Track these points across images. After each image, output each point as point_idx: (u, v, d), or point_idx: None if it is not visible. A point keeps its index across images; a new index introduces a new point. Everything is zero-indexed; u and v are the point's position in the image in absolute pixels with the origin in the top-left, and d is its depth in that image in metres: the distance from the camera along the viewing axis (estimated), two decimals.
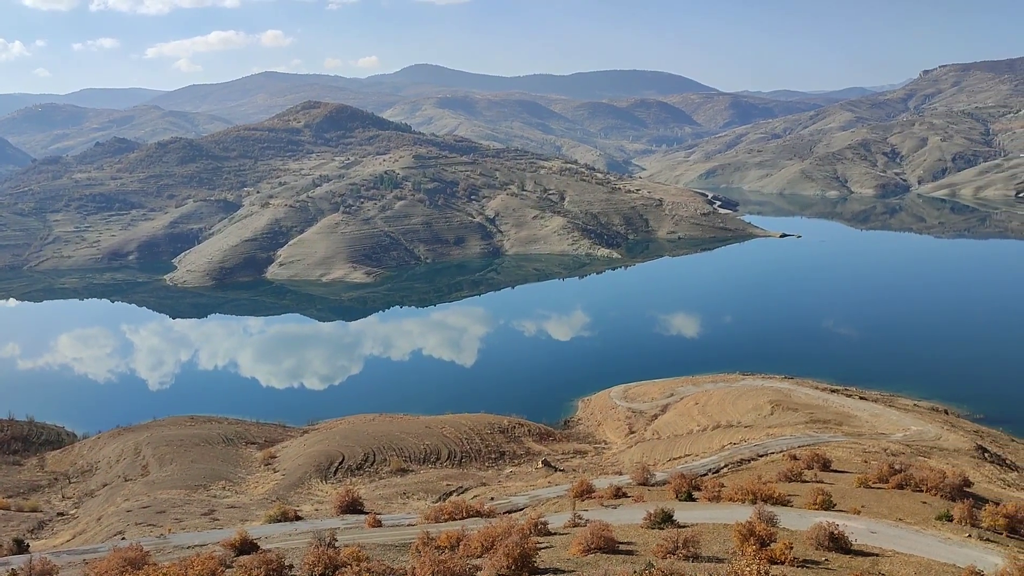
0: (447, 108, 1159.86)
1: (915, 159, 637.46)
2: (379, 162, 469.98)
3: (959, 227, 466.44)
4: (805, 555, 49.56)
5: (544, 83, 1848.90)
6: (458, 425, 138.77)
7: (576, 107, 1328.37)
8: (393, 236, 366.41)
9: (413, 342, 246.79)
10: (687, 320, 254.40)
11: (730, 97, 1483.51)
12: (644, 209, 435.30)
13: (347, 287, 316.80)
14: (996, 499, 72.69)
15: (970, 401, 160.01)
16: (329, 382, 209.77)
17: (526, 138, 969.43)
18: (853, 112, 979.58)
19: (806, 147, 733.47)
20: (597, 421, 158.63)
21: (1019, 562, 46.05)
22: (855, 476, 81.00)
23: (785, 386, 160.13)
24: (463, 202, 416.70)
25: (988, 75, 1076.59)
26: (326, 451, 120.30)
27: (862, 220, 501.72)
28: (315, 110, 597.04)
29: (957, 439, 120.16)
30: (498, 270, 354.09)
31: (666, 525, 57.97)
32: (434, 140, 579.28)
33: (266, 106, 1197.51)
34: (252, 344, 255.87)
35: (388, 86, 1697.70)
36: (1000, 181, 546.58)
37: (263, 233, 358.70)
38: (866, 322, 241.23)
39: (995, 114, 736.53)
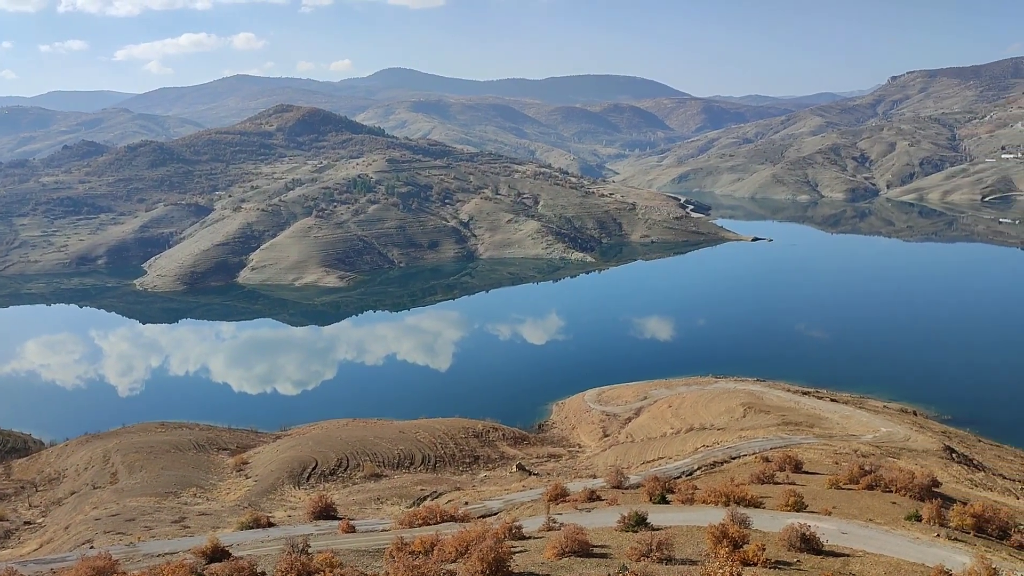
0: (421, 112, 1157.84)
1: (884, 164, 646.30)
2: (352, 166, 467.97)
3: (927, 231, 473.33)
4: (777, 556, 49.91)
5: (518, 87, 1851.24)
6: (432, 430, 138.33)
7: (550, 111, 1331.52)
8: (366, 240, 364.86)
9: (387, 347, 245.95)
10: (660, 323, 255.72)
11: (702, 102, 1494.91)
12: (617, 213, 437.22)
13: (320, 291, 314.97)
14: (964, 499, 73.75)
15: (938, 402, 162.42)
16: (302, 387, 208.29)
17: (500, 142, 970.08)
18: (823, 117, 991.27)
19: (777, 152, 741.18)
20: (571, 425, 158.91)
21: (986, 561, 46.71)
22: (826, 477, 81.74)
23: (757, 389, 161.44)
24: (437, 206, 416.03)
25: (954, 81, 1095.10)
26: (299, 456, 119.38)
27: (832, 224, 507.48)
28: (288, 113, 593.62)
29: (925, 440, 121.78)
30: (472, 274, 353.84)
31: (640, 528, 58.11)
32: (408, 144, 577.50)
33: (238, 109, 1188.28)
34: (224, 349, 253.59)
35: (361, 90, 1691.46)
36: (966, 186, 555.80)
37: (235, 237, 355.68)
38: (837, 325, 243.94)
39: (961, 120, 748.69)
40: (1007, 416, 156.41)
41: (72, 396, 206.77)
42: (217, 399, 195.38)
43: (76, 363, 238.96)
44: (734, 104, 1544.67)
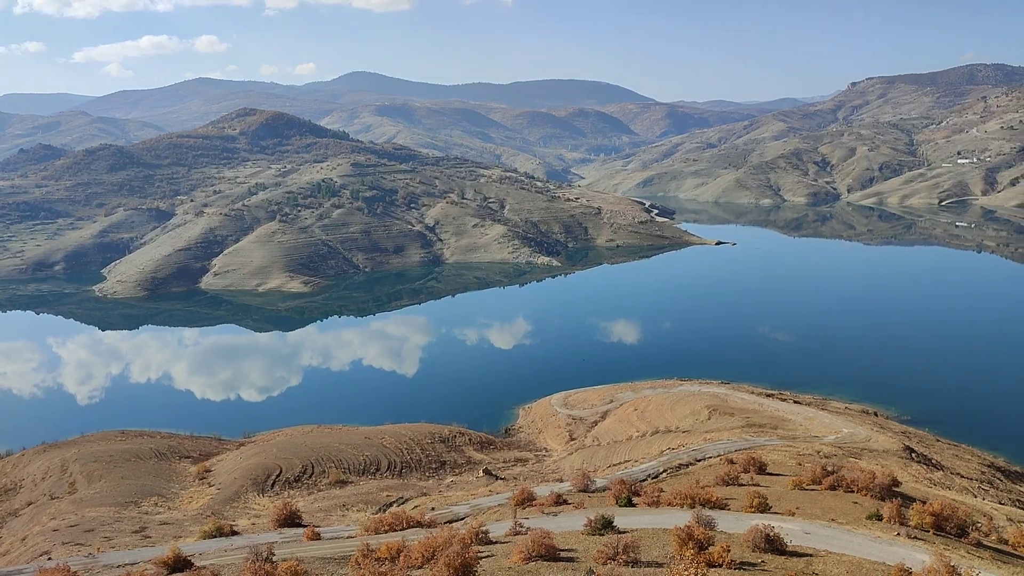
0: (386, 116, 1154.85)
1: (844, 168, 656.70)
2: (317, 170, 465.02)
3: (886, 234, 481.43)
4: (742, 557, 50.25)
5: (484, 92, 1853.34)
6: (398, 435, 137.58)
7: (515, 116, 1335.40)
8: (331, 245, 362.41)
9: (352, 352, 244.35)
10: (626, 327, 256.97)
11: (666, 107, 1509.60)
12: (583, 217, 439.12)
13: (284, 297, 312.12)
14: (923, 498, 74.93)
15: (898, 403, 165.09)
16: (267, 393, 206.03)
17: (466, 146, 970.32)
18: (785, 122, 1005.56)
19: (740, 156, 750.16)
20: (538, 429, 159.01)
21: (945, 559, 47.41)
22: (790, 478, 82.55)
23: (722, 391, 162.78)
24: (402, 210, 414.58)
25: (912, 88, 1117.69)
26: (263, 464, 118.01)
27: (795, 228, 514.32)
28: (251, 117, 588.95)
29: (886, 440, 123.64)
30: (438, 278, 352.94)
31: (606, 531, 58.16)
32: (373, 148, 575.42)
33: (200, 113, 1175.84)
34: (186, 356, 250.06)
35: (326, 93, 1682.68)
36: (924, 190, 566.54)
37: (197, 242, 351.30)
38: (800, 327, 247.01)
39: (919, 125, 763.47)
40: (965, 416, 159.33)
41: (29, 405, 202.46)
42: (179, 407, 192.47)
43: (33, 371, 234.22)
44: (698, 109, 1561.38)
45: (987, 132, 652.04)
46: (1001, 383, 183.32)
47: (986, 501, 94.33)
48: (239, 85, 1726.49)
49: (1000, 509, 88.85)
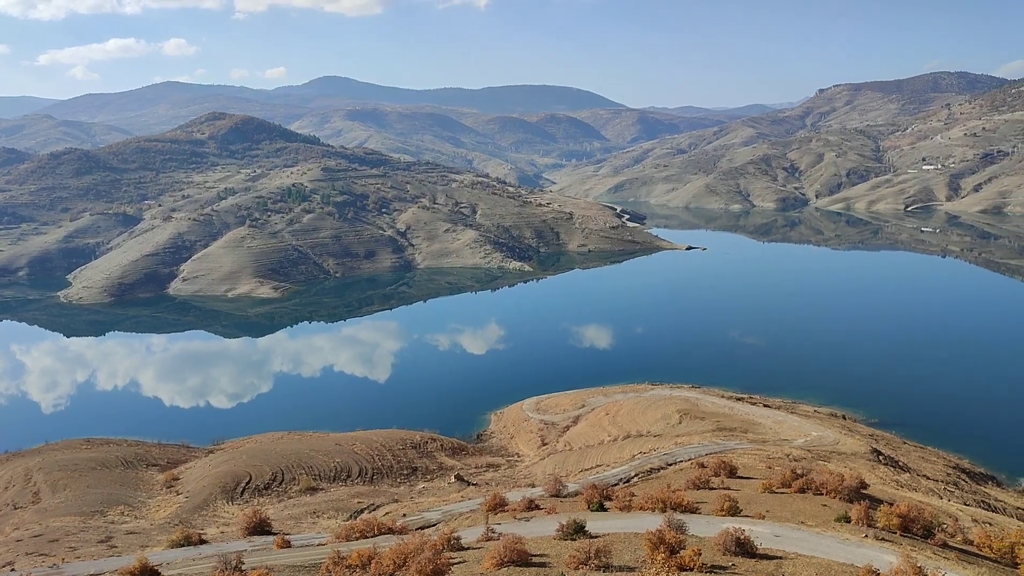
0: (357, 120, 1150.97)
1: (812, 174, 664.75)
2: (287, 175, 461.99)
3: (854, 239, 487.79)
4: (713, 561, 50.53)
5: (455, 96, 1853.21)
6: (369, 442, 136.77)
7: (487, 121, 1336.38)
8: (301, 250, 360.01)
9: (323, 358, 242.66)
10: (598, 332, 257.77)
11: (637, 113, 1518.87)
12: (555, 222, 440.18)
13: (254, 302, 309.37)
14: (890, 500, 75.79)
15: (866, 406, 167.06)
16: (236, 400, 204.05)
17: (437, 151, 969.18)
18: (754, 128, 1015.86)
19: (710, 162, 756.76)
20: (510, 434, 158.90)
21: (912, 560, 48.01)
22: (760, 482, 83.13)
23: (693, 395, 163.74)
24: (373, 215, 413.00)
25: (878, 95, 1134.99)
26: (232, 471, 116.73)
27: (764, 233, 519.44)
28: (220, 121, 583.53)
29: (854, 443, 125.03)
30: (410, 284, 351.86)
31: (578, 536, 58.20)
32: (343, 153, 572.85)
33: (168, 117, 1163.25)
34: (154, 362, 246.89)
35: (296, 98, 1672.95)
36: (890, 195, 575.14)
37: (165, 247, 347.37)
38: (769, 331, 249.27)
39: (885, 132, 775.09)
40: (931, 418, 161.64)
41: None
42: (147, 414, 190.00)
43: None
44: (668, 115, 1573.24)
45: (951, 139, 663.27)
46: (966, 386, 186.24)
47: (951, 502, 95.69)
48: (208, 89, 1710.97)
49: (965, 510, 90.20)
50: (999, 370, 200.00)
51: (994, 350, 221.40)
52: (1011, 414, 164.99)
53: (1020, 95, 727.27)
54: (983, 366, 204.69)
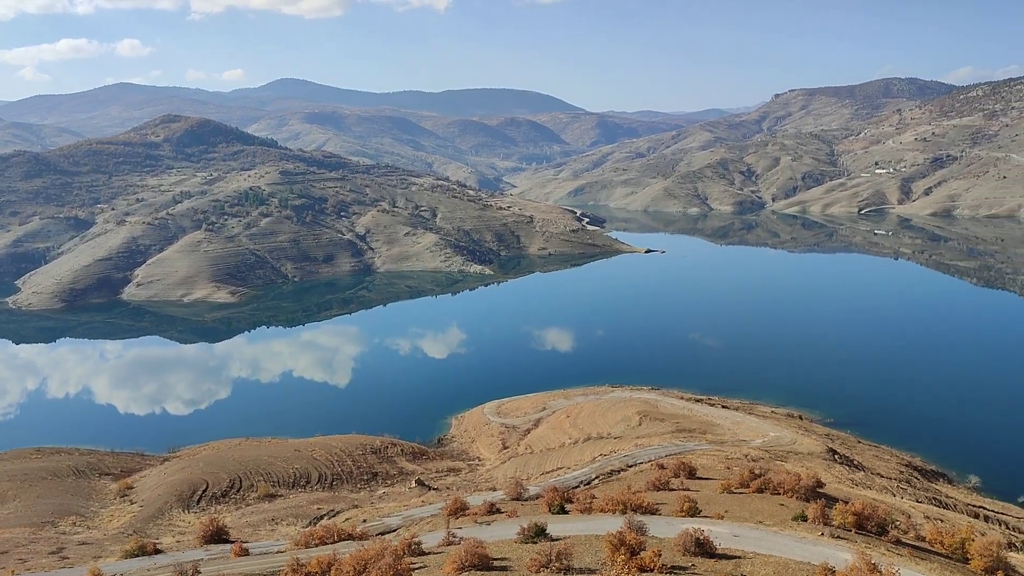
0: (315, 123, 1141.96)
1: (769, 177, 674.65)
2: (244, 178, 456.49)
3: (809, 242, 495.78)
4: (673, 561, 50.90)
5: (415, 99, 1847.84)
6: (329, 447, 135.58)
7: (447, 124, 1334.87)
8: (259, 254, 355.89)
9: (282, 363, 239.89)
10: (559, 335, 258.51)
11: (597, 117, 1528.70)
12: (515, 226, 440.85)
13: (210, 307, 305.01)
14: (845, 498, 77.09)
15: (822, 406, 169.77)
16: (193, 407, 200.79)
17: (397, 154, 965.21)
18: (712, 132, 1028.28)
19: (669, 166, 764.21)
20: (471, 438, 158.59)
21: (866, 557, 48.86)
22: (719, 482, 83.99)
23: (652, 397, 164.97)
24: (332, 219, 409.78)
25: (832, 100, 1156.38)
26: (188, 479, 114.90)
27: (721, 236, 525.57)
28: (175, 124, 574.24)
29: (810, 443, 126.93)
30: (369, 287, 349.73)
31: (539, 539, 58.25)
32: (302, 156, 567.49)
33: (122, 119, 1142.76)
34: (108, 369, 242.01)
35: (253, 100, 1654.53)
36: (844, 199, 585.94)
37: (119, 252, 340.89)
38: (727, 333, 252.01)
39: (839, 136, 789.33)
40: (884, 417, 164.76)
41: None
42: (100, 422, 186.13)
43: None
44: (627, 119, 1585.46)
45: (902, 143, 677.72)
46: (918, 386, 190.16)
47: (904, 500, 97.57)
48: (163, 91, 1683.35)
49: (918, 507, 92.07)
50: (949, 370, 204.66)
51: (944, 351, 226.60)
52: (961, 412, 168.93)
53: (968, 101, 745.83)
54: (934, 366, 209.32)
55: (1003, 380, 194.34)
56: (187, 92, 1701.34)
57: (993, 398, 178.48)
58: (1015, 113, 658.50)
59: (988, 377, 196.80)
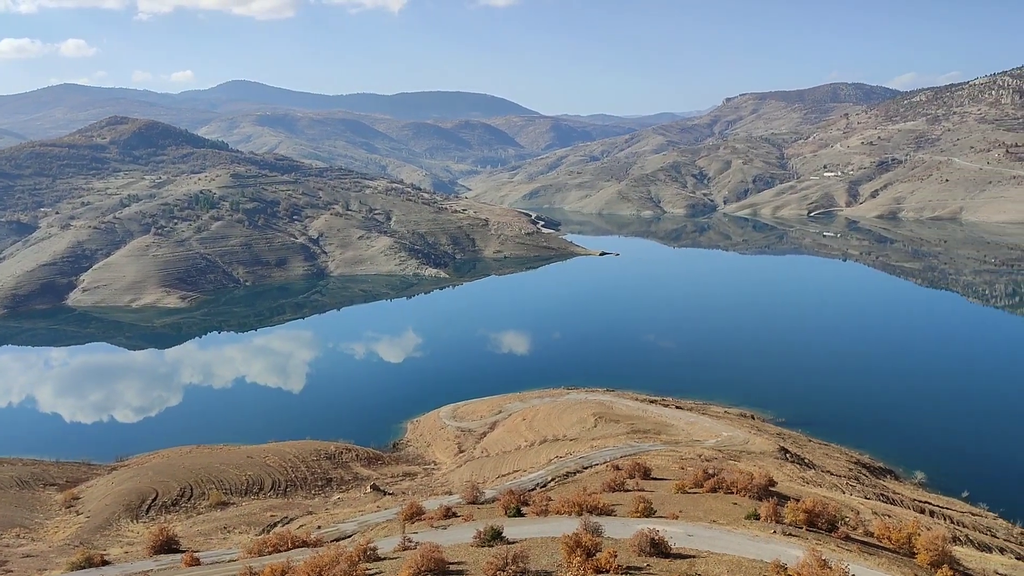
0: (267, 126, 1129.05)
1: (721, 180, 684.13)
2: (194, 181, 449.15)
3: (760, 244, 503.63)
4: (629, 562, 51.24)
5: (368, 102, 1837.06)
6: (282, 453, 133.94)
7: (401, 127, 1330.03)
8: (210, 258, 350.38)
9: (235, 369, 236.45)
10: (515, 338, 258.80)
11: (551, 120, 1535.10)
12: (471, 229, 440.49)
13: (160, 313, 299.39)
14: (797, 496, 78.34)
15: (773, 406, 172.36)
16: (142, 414, 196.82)
17: (350, 157, 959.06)
18: (664, 136, 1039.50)
19: (622, 169, 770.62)
20: (427, 442, 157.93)
21: (817, 553, 49.72)
22: (673, 483, 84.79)
23: (607, 399, 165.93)
24: (285, 222, 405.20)
25: (782, 104, 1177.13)
26: (137, 488, 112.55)
27: (675, 238, 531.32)
28: (122, 126, 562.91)
29: (763, 442, 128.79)
30: (323, 292, 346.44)
31: (496, 542, 58.25)
32: (253, 159, 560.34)
33: (66, 121, 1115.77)
34: (52, 377, 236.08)
35: (203, 102, 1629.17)
36: (794, 202, 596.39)
37: (63, 257, 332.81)
38: (681, 334, 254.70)
39: (788, 140, 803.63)
40: (834, 416, 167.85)
41: None
42: (44, 432, 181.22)
43: None
44: (581, 123, 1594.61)
45: (849, 147, 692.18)
46: (867, 384, 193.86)
47: (853, 496, 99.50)
48: (109, 92, 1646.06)
49: (866, 503, 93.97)
50: (896, 369, 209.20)
51: (891, 350, 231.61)
52: (907, 410, 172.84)
53: (911, 106, 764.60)
54: (882, 365, 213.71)
55: (947, 379, 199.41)
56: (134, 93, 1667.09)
57: (938, 396, 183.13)
58: (956, 118, 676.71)
59: (933, 376, 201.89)
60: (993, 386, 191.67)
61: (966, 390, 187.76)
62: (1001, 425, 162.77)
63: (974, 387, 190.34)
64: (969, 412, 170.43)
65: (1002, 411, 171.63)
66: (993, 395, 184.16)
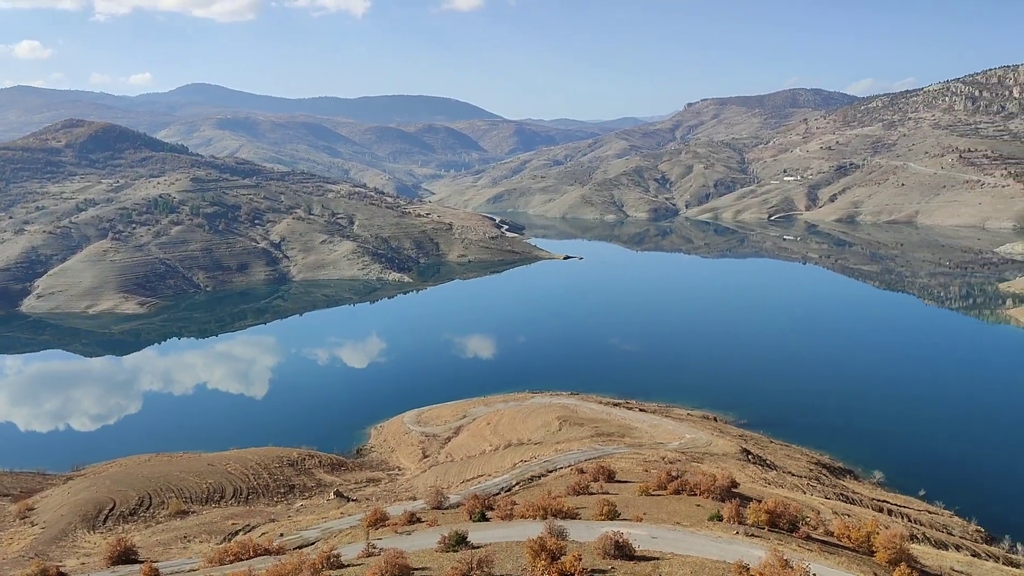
0: (228, 129, 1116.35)
1: (682, 185, 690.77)
2: (153, 185, 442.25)
3: (722, 247, 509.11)
4: (593, 565, 51.33)
5: (331, 106, 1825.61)
6: (244, 460, 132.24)
7: (364, 131, 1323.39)
8: (169, 263, 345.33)
9: (195, 375, 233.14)
10: (479, 342, 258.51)
11: (515, 124, 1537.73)
12: (435, 233, 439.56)
13: (118, 319, 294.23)
14: (759, 497, 79.12)
15: (736, 408, 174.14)
16: (100, 422, 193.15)
17: (313, 161, 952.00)
18: (627, 141, 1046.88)
19: (586, 173, 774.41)
20: (391, 447, 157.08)
21: (779, 553, 50.24)
22: (637, 485, 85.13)
23: (572, 402, 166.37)
24: (246, 227, 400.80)
25: (742, 109, 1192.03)
26: (94, 498, 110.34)
27: (637, 242, 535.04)
28: (79, 129, 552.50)
29: (725, 444, 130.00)
30: (285, 297, 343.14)
31: (460, 547, 58.01)
32: (214, 162, 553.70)
33: (20, 123, 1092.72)
34: (5, 385, 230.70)
35: (162, 105, 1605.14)
36: (755, 205, 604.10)
37: (17, 262, 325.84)
38: (645, 337, 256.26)
39: (749, 144, 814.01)
40: (795, 417, 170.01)
41: None
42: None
43: None
44: (545, 127, 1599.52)
45: (809, 152, 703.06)
46: (827, 386, 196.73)
47: (814, 496, 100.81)
48: (65, 94, 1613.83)
49: (826, 503, 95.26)
50: (855, 370, 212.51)
51: (850, 352, 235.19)
52: (866, 411, 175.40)
53: (868, 111, 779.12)
54: (842, 367, 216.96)
55: (905, 379, 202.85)
56: (91, 96, 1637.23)
57: (895, 397, 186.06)
58: (911, 124, 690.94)
59: (891, 377, 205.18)
60: (949, 386, 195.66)
61: (923, 391, 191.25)
62: (956, 425, 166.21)
63: (931, 388, 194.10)
64: (926, 412, 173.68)
65: (957, 411, 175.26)
66: (948, 395, 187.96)
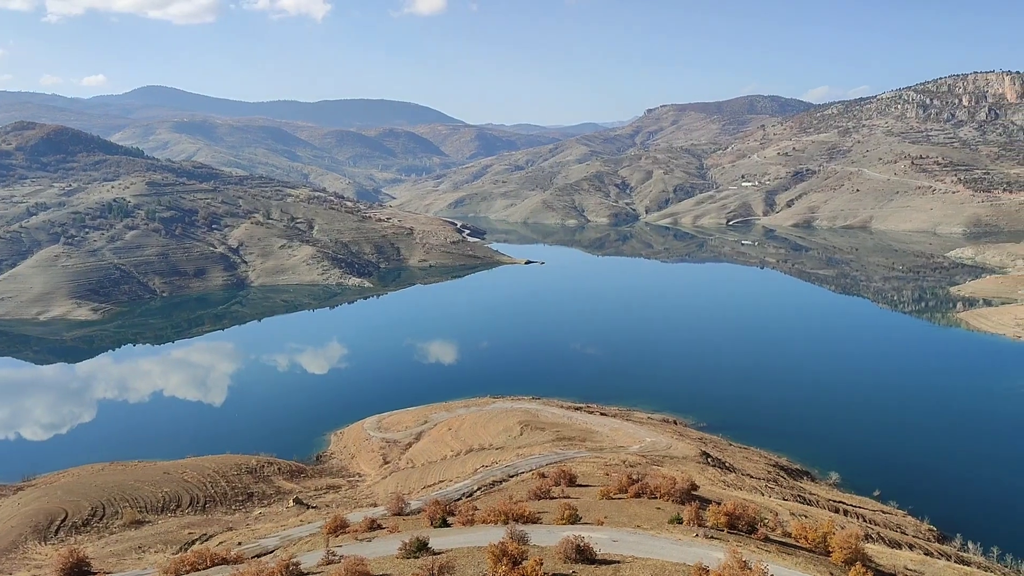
0: (185, 133, 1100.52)
1: (642, 190, 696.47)
2: (107, 189, 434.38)
3: (681, 252, 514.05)
4: (555, 569, 51.40)
5: (290, 109, 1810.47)
6: (201, 468, 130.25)
7: (324, 135, 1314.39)
8: (124, 268, 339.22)
9: (151, 382, 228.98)
10: (441, 347, 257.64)
11: (476, 129, 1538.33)
12: (395, 238, 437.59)
13: (70, 325, 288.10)
14: (718, 499, 79.85)
15: (695, 411, 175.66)
16: (52, 431, 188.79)
17: (271, 165, 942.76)
18: (588, 146, 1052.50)
19: (547, 178, 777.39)
20: (351, 454, 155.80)
21: (738, 555, 50.73)
22: (598, 489, 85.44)
23: (533, 407, 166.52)
24: (203, 231, 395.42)
25: (701, 115, 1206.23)
26: (45, 508, 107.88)
27: (598, 247, 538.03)
28: (29, 131, 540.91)
29: (685, 447, 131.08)
30: (243, 302, 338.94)
31: (421, 553, 57.67)
32: (170, 166, 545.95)
33: None
34: None
35: (117, 108, 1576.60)
36: (714, 211, 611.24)
37: None
38: (605, 342, 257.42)
39: (708, 150, 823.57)
40: (753, 420, 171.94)
41: None
42: None
43: None
44: (506, 132, 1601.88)
45: (766, 158, 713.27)
46: (784, 389, 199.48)
47: (772, 498, 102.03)
48: (15, 96, 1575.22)
49: (784, 505, 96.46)
50: (812, 373, 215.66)
51: (807, 355, 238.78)
52: (822, 413, 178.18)
53: (824, 118, 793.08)
54: (798, 370, 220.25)
55: (860, 382, 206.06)
56: (42, 98, 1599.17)
57: (851, 399, 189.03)
58: (865, 131, 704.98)
59: (847, 380, 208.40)
60: (903, 389, 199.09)
61: (878, 394, 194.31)
62: (910, 426, 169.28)
63: (885, 390, 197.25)
64: (880, 414, 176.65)
65: (911, 413, 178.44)
66: (902, 398, 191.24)
